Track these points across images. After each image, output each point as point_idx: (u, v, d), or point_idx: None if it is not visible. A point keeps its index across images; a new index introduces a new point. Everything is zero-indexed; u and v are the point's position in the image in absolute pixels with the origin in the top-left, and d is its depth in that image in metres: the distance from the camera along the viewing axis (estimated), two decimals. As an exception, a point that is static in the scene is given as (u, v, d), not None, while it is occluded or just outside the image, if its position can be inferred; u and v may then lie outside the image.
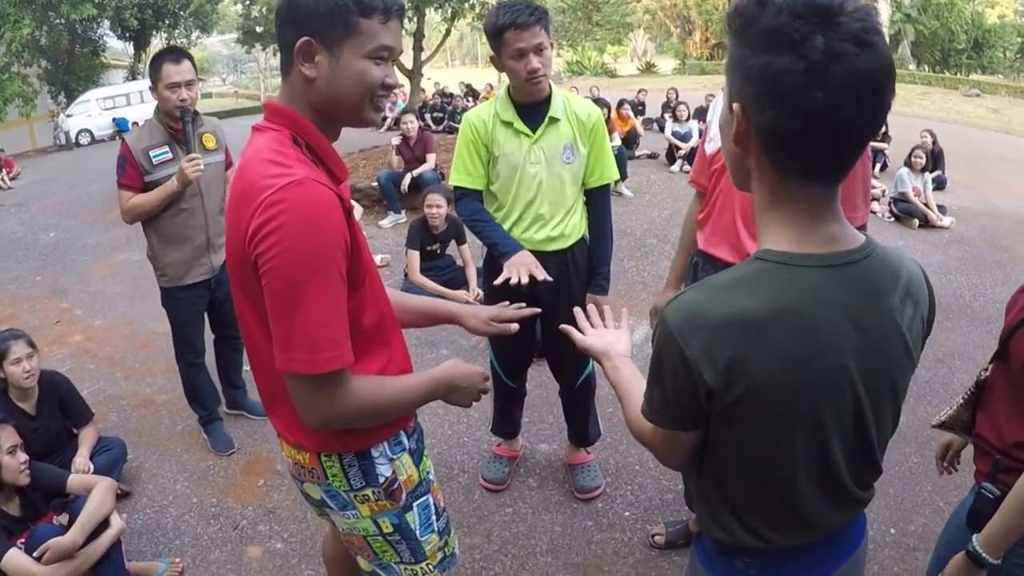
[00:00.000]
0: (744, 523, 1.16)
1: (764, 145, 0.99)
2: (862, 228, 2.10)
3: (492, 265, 2.81)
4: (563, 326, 1.59)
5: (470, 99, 16.97)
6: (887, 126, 11.55)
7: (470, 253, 5.76)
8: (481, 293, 5.43)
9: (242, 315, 1.42)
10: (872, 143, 8.22)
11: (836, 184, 1.02)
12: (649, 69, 41.38)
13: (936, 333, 4.15)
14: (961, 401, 1.77)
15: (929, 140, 10.30)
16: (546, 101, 2.71)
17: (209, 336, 3.83)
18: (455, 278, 5.71)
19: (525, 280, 2.48)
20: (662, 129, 12.12)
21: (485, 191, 2.81)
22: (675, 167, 10.21)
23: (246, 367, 4.18)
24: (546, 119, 2.69)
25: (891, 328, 1.07)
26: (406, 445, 1.56)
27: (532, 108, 2.71)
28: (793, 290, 1.00)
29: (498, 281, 2.50)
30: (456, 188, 2.83)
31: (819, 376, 1.03)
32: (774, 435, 1.06)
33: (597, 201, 2.90)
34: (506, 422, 3.34)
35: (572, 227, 2.83)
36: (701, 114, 12.55)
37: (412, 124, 8.10)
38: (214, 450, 3.73)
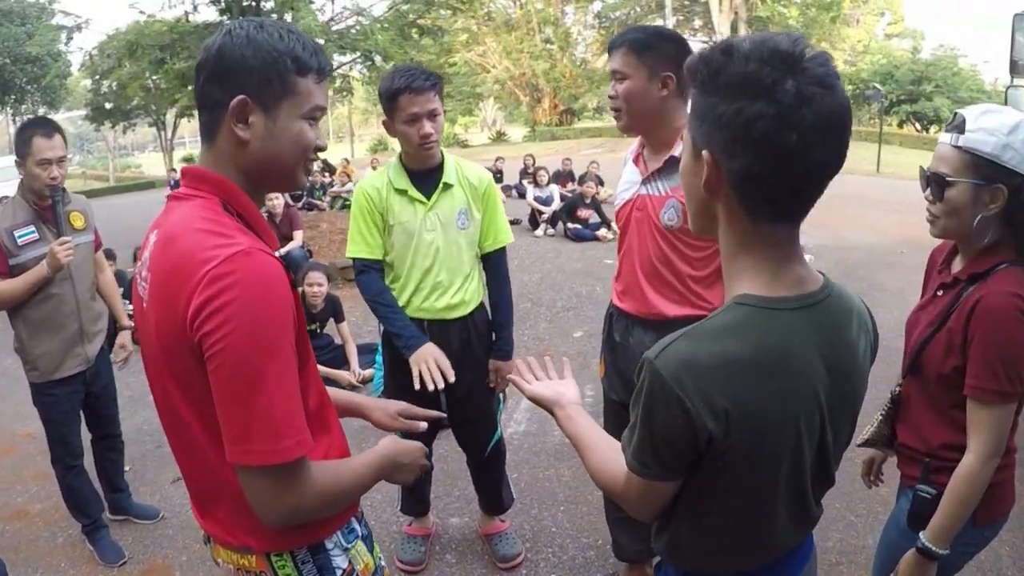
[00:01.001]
0: (713, 554, 1.19)
1: (736, 190, 1.01)
2: None
3: (394, 354, 2.76)
4: (511, 376, 1.59)
5: (327, 175, 16.77)
6: None
7: (348, 330, 5.67)
8: (362, 373, 5.36)
9: (172, 408, 1.26)
10: None
11: (799, 224, 1.06)
12: (500, 138, 42.64)
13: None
14: (880, 417, 1.92)
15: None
16: (438, 167, 2.72)
17: (86, 435, 3.48)
18: (335, 357, 5.55)
19: (441, 385, 2.52)
20: (522, 195, 12.49)
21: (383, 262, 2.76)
22: (539, 231, 10.48)
23: (128, 467, 3.89)
24: (439, 185, 2.70)
25: (851, 361, 1.13)
26: (359, 532, 1.45)
27: (425, 175, 2.71)
28: (777, 333, 1.04)
29: (416, 385, 2.53)
30: (355, 261, 2.76)
31: (801, 412, 1.07)
32: (763, 472, 1.09)
33: (494, 265, 2.92)
34: (416, 499, 3.22)
35: (471, 293, 2.82)
36: (559, 178, 13.03)
37: (278, 200, 7.92)
38: (102, 562, 3.34)
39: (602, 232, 9.91)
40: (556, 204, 10.80)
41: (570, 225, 10.09)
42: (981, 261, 1.68)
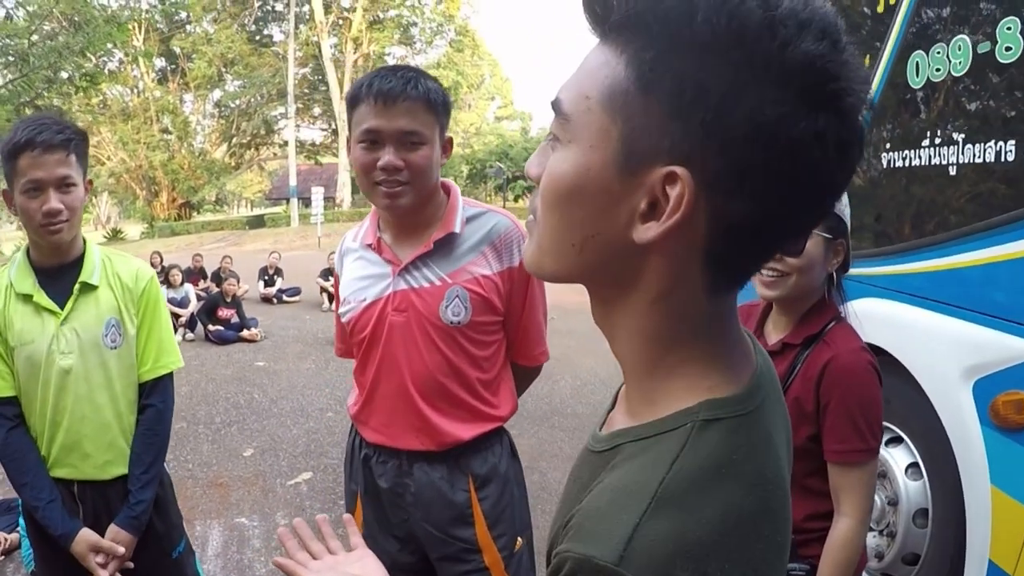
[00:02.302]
0: None
1: (715, 244, 0.61)
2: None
3: (41, 532, 2.03)
4: (278, 560, 1.06)
5: None
6: None
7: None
8: (8, 538, 4.28)
9: None
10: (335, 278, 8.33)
11: None
12: (116, 236, 38.92)
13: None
14: None
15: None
16: (77, 262, 1.99)
17: None
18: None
19: None
20: (153, 298, 11.36)
21: None
22: (177, 336, 9.59)
23: None
24: (76, 287, 1.97)
25: (786, 422, 0.79)
26: None
27: (58, 273, 1.97)
28: (764, 446, 0.66)
29: None
30: None
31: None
32: None
33: (156, 398, 2.13)
34: None
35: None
36: (191, 276, 12.13)
37: None
38: None
39: (247, 332, 9.38)
40: (193, 305, 9.99)
41: (211, 327, 9.36)
42: (813, 322, 1.65)
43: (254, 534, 4.01)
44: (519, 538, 1.86)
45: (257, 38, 41.45)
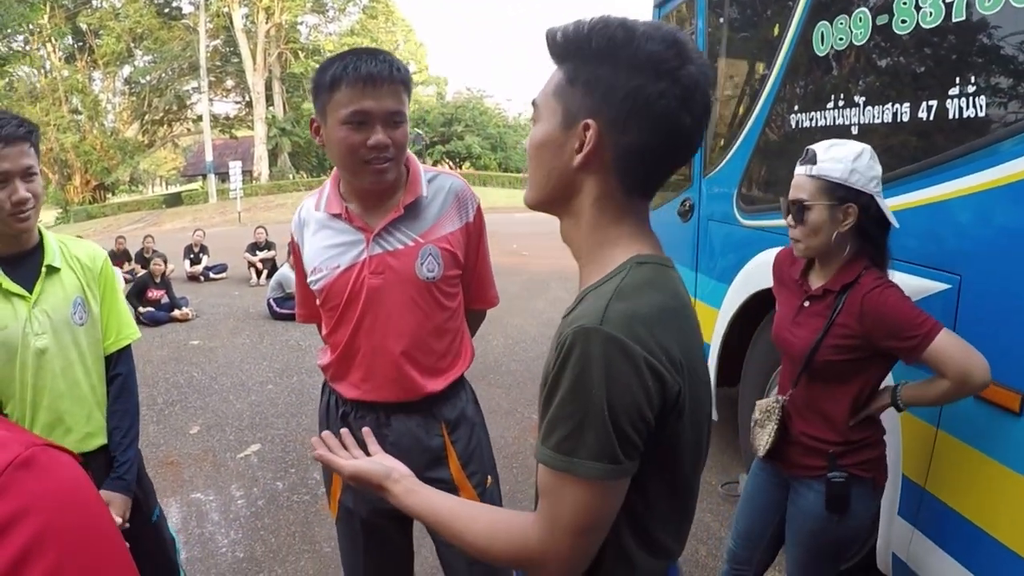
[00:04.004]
0: (652, 547, 1.06)
1: (619, 163, 1.01)
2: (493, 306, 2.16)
3: None
4: (320, 453, 1.28)
5: None
6: (267, 232, 12.49)
7: None
8: None
9: None
10: (263, 253, 8.73)
11: None
12: (26, 221, 37.08)
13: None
14: (775, 425, 2.18)
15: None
16: (37, 248, 2.08)
17: None
18: None
19: None
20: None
21: None
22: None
23: None
24: (42, 270, 2.05)
25: (695, 316, 1.11)
26: None
27: (20, 260, 2.04)
28: (679, 287, 1.06)
29: None
30: None
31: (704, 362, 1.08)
32: (696, 435, 1.04)
33: (119, 369, 2.25)
34: None
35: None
36: (116, 259, 11.84)
37: None
38: None
39: (179, 312, 9.28)
40: (122, 287, 9.73)
41: (142, 309, 9.20)
42: (847, 272, 2.01)
43: (212, 508, 4.08)
44: (488, 476, 2.04)
45: (166, 11, 39.75)
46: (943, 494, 2.30)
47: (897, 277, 2.05)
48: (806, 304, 2.11)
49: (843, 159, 1.95)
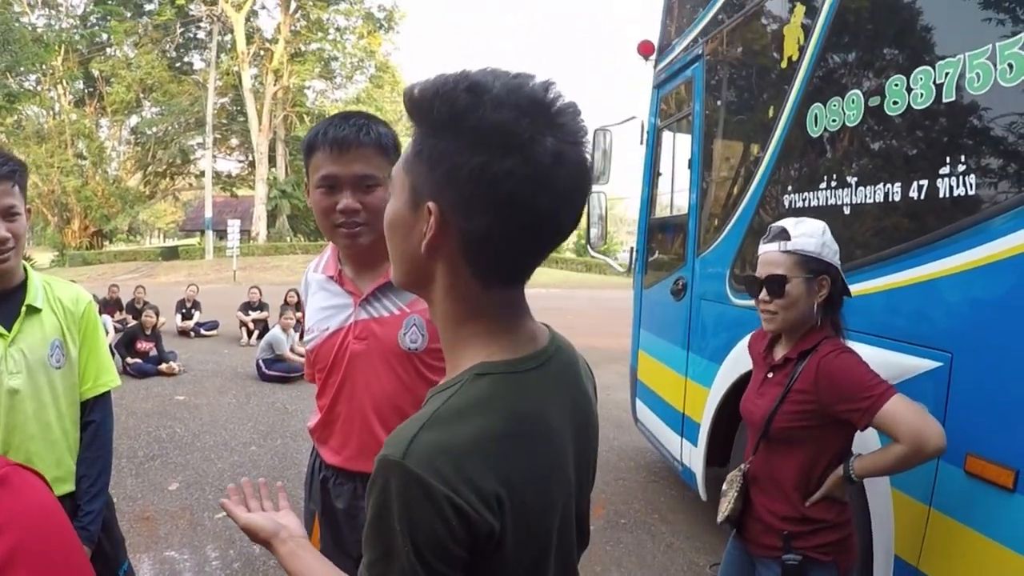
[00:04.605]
0: None
1: (467, 251, 0.88)
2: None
3: None
4: (223, 501, 1.32)
5: None
6: (261, 293, 12.59)
7: None
8: None
9: None
10: (256, 313, 8.73)
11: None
12: (26, 262, 37.11)
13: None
14: (735, 494, 2.18)
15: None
16: (20, 287, 2.06)
17: None
18: None
19: None
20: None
21: None
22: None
23: None
24: (22, 309, 2.03)
25: (589, 409, 1.07)
26: None
27: (0, 298, 2.04)
28: (528, 397, 0.93)
29: None
30: None
31: (561, 476, 0.97)
32: (535, 554, 0.94)
33: (96, 417, 2.20)
34: None
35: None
36: (108, 307, 11.82)
37: None
38: None
39: (166, 366, 9.18)
40: (111, 337, 9.69)
41: (129, 360, 9.11)
42: (808, 340, 2.08)
43: (185, 567, 3.96)
44: None
45: (178, 65, 40.62)
46: (937, 574, 2.25)
47: (888, 356, 2.06)
48: (769, 375, 2.18)
49: (814, 234, 2.06)
